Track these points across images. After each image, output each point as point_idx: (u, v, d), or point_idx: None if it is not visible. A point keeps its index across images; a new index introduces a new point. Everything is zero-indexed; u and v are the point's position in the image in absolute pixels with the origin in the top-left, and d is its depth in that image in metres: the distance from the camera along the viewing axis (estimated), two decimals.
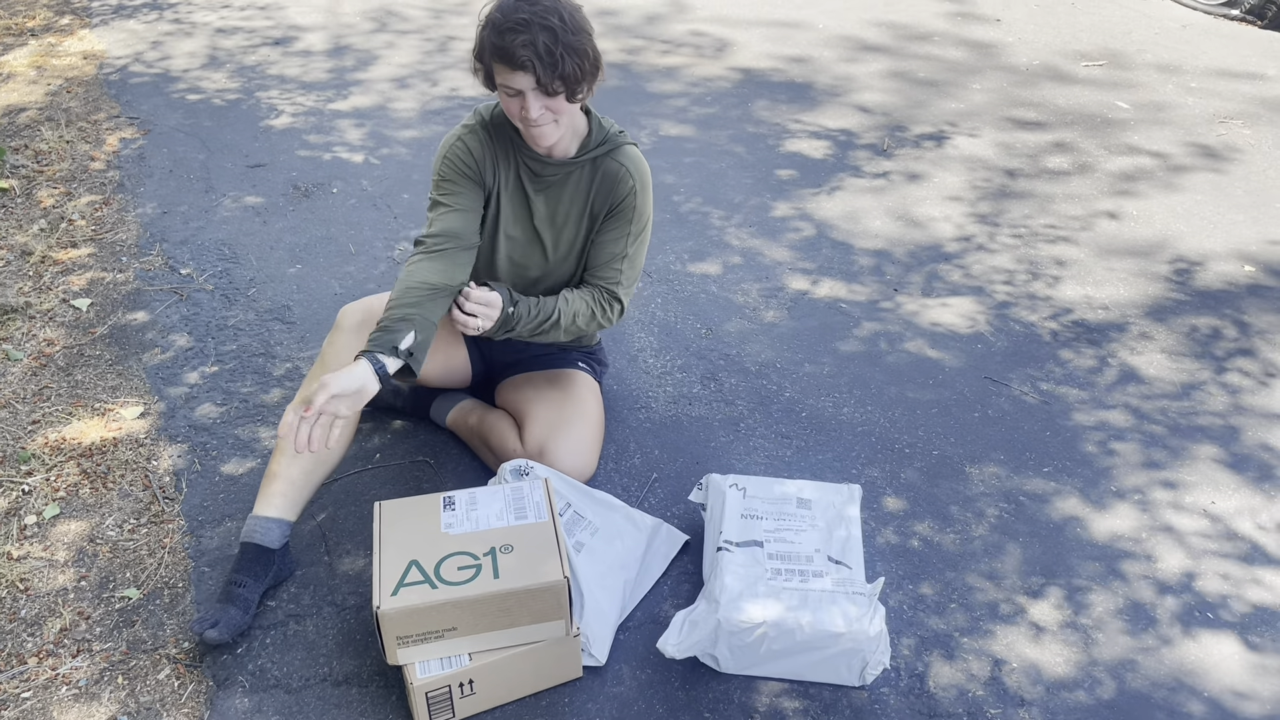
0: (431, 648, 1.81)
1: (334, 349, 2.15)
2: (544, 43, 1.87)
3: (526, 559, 1.85)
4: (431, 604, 1.77)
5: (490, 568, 1.83)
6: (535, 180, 2.17)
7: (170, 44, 4.89)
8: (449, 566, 1.83)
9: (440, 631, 1.80)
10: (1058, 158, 4.04)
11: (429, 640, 1.80)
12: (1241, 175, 3.95)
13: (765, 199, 3.67)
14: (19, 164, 3.75)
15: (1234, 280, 3.28)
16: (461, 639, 1.82)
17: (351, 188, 3.67)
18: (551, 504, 1.96)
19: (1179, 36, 5.39)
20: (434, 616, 1.78)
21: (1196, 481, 2.48)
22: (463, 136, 2.15)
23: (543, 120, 1.98)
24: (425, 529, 1.92)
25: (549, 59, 1.88)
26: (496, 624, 1.83)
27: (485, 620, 1.81)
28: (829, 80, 4.70)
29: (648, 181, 2.20)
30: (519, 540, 1.89)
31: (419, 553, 1.87)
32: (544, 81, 1.91)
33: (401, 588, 1.79)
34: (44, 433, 2.53)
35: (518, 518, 1.93)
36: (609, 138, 2.16)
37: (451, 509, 1.96)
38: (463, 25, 5.19)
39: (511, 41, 1.87)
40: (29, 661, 1.98)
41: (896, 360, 2.87)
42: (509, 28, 1.88)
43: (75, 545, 2.23)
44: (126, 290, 3.07)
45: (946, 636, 2.07)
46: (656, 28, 5.27)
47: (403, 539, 1.89)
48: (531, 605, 1.82)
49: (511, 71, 1.91)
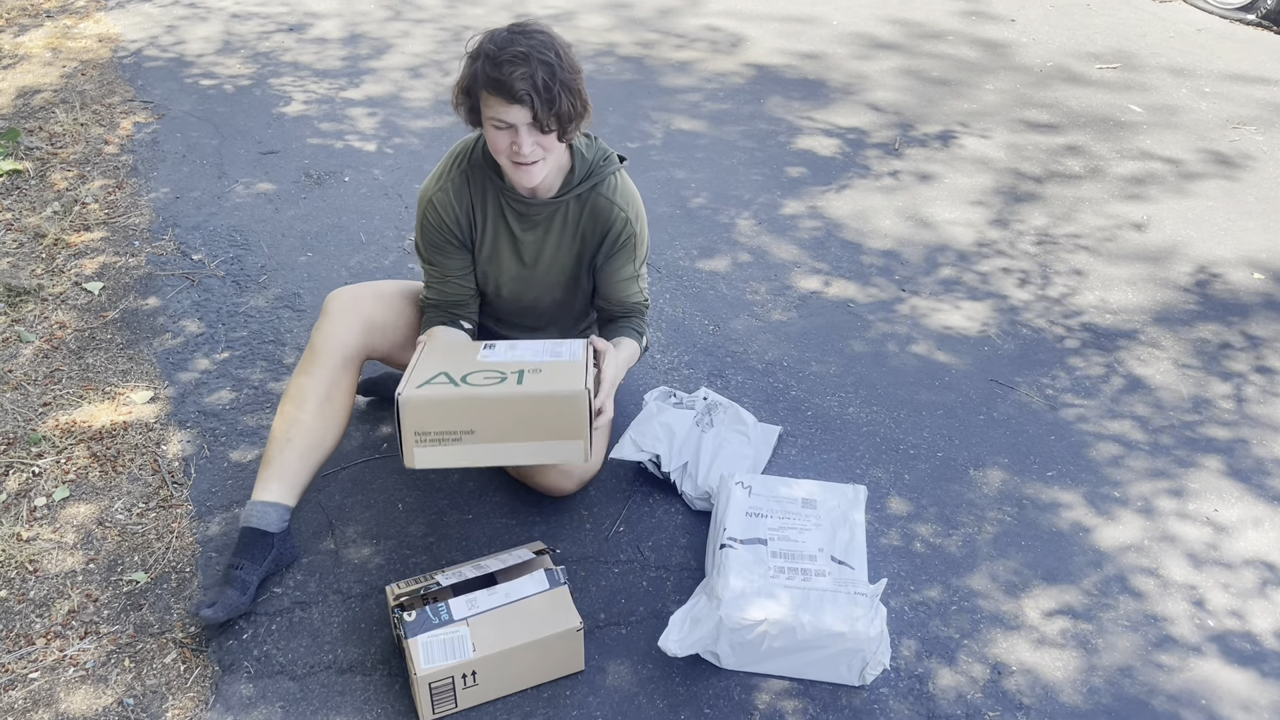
0: (448, 452, 1.81)
1: (323, 335, 2.16)
2: (542, 77, 1.85)
3: (552, 377, 1.86)
4: (451, 398, 1.79)
5: (515, 379, 1.84)
6: (521, 220, 2.16)
7: (185, 28, 4.90)
8: (476, 376, 1.86)
9: (458, 434, 1.80)
10: (1069, 160, 4.04)
11: (446, 442, 1.80)
12: (1254, 182, 3.94)
13: (775, 196, 3.68)
14: (33, 146, 3.76)
15: (1244, 288, 3.28)
16: (479, 447, 1.81)
17: (363, 176, 3.68)
18: (588, 357, 1.95)
19: (1194, 40, 5.37)
20: (453, 413, 1.79)
21: (1200, 490, 2.49)
22: (434, 197, 2.14)
23: (533, 156, 1.95)
24: (463, 354, 1.96)
25: (546, 94, 1.86)
26: (514, 434, 1.82)
27: (503, 428, 1.81)
28: (841, 77, 4.69)
29: (640, 209, 2.20)
30: (548, 367, 1.90)
31: (451, 366, 1.90)
32: (540, 117, 1.88)
33: (427, 385, 1.82)
34: (55, 415, 2.55)
35: (552, 356, 1.95)
36: (593, 169, 2.14)
37: (491, 348, 2.01)
38: (477, 15, 5.19)
39: (510, 74, 1.84)
40: (37, 642, 2.00)
41: (903, 361, 2.87)
42: (507, 60, 1.85)
43: (84, 528, 2.25)
44: (138, 275, 3.09)
45: (947, 639, 2.08)
46: (670, 21, 5.27)
47: (439, 357, 1.94)
48: (551, 417, 1.82)
49: (508, 105, 1.88)
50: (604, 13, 5.29)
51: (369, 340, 2.19)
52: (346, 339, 2.16)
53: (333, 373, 2.14)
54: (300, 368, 2.16)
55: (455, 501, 2.35)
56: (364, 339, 2.18)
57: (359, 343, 2.18)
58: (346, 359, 2.16)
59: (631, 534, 2.29)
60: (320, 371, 2.13)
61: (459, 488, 2.39)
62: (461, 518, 2.31)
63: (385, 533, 2.26)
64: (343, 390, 2.15)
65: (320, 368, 2.13)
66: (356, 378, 2.19)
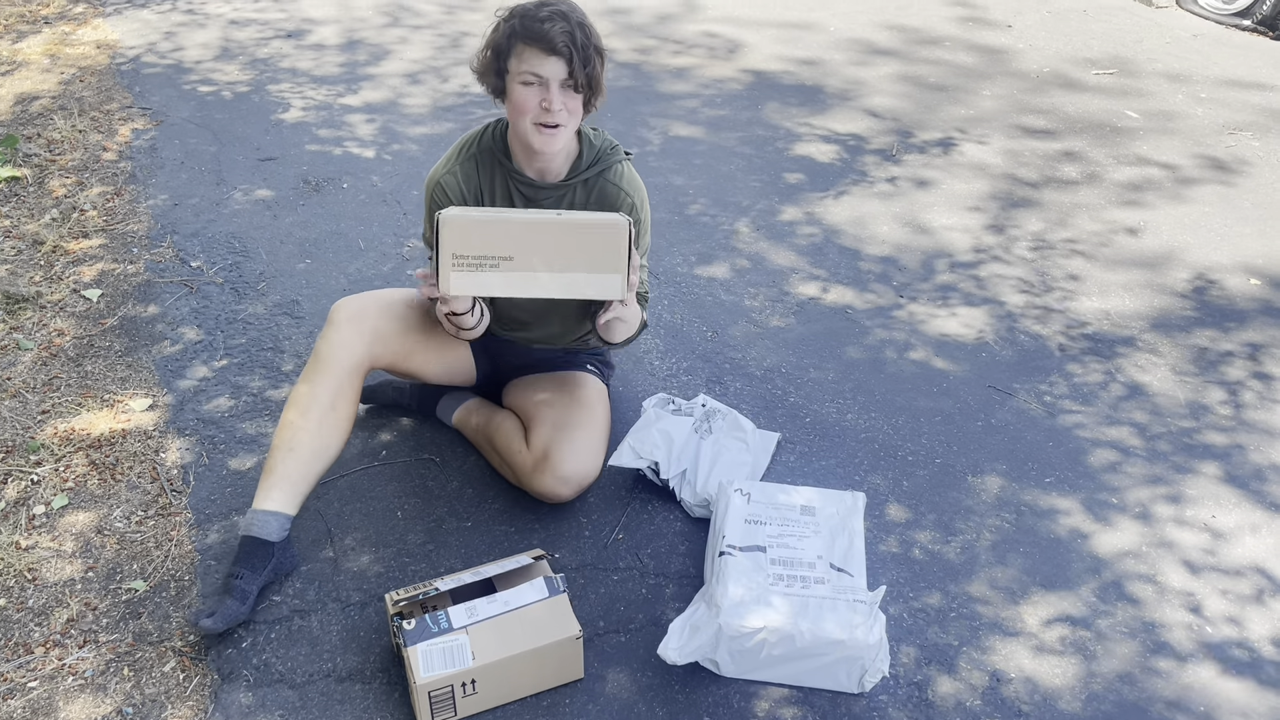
0: (484, 279, 1.82)
1: (328, 344, 2.16)
2: (580, 36, 1.92)
3: (594, 215, 1.87)
4: (493, 219, 1.81)
5: (555, 215, 1.86)
6: (529, 204, 2.18)
7: (183, 35, 4.91)
8: (517, 213, 1.88)
9: (496, 259, 1.81)
10: (1067, 166, 4.05)
11: (484, 268, 1.81)
12: (1250, 188, 3.95)
13: (773, 202, 3.68)
14: (32, 153, 3.76)
15: (1240, 294, 3.29)
16: (516, 275, 1.82)
17: (361, 183, 3.68)
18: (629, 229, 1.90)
19: (1190, 46, 5.39)
20: (493, 235, 1.81)
21: (1198, 496, 2.49)
22: (442, 179, 2.17)
23: (559, 119, 1.98)
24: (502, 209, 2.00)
25: (583, 52, 1.93)
26: (554, 263, 1.83)
27: (543, 255, 1.82)
28: (839, 84, 4.70)
29: (644, 195, 2.24)
30: (589, 214, 1.89)
31: (490, 208, 1.96)
32: (575, 73, 1.94)
33: (468, 208, 1.86)
34: (53, 423, 2.55)
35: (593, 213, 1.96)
36: (600, 156, 2.17)
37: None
38: (475, 21, 5.20)
39: (550, 28, 1.90)
40: (36, 651, 2.00)
41: (901, 367, 2.88)
42: (545, 16, 1.91)
43: (83, 536, 2.25)
44: (137, 282, 3.09)
45: (946, 646, 2.08)
46: (668, 27, 5.28)
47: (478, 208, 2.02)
48: (591, 247, 1.83)
49: (545, 56, 1.92)
50: (601, 19, 5.30)
51: (375, 350, 2.20)
52: (353, 348, 2.16)
53: (338, 382, 2.14)
54: (304, 376, 2.16)
55: (454, 509, 2.35)
56: (370, 349, 2.18)
57: (365, 352, 2.18)
58: (352, 369, 2.16)
59: (630, 541, 2.29)
60: (325, 380, 2.13)
61: (458, 495, 2.39)
62: (460, 525, 2.31)
63: (384, 540, 2.26)
64: (347, 400, 2.15)
65: (325, 376, 2.13)
66: (360, 388, 2.19)
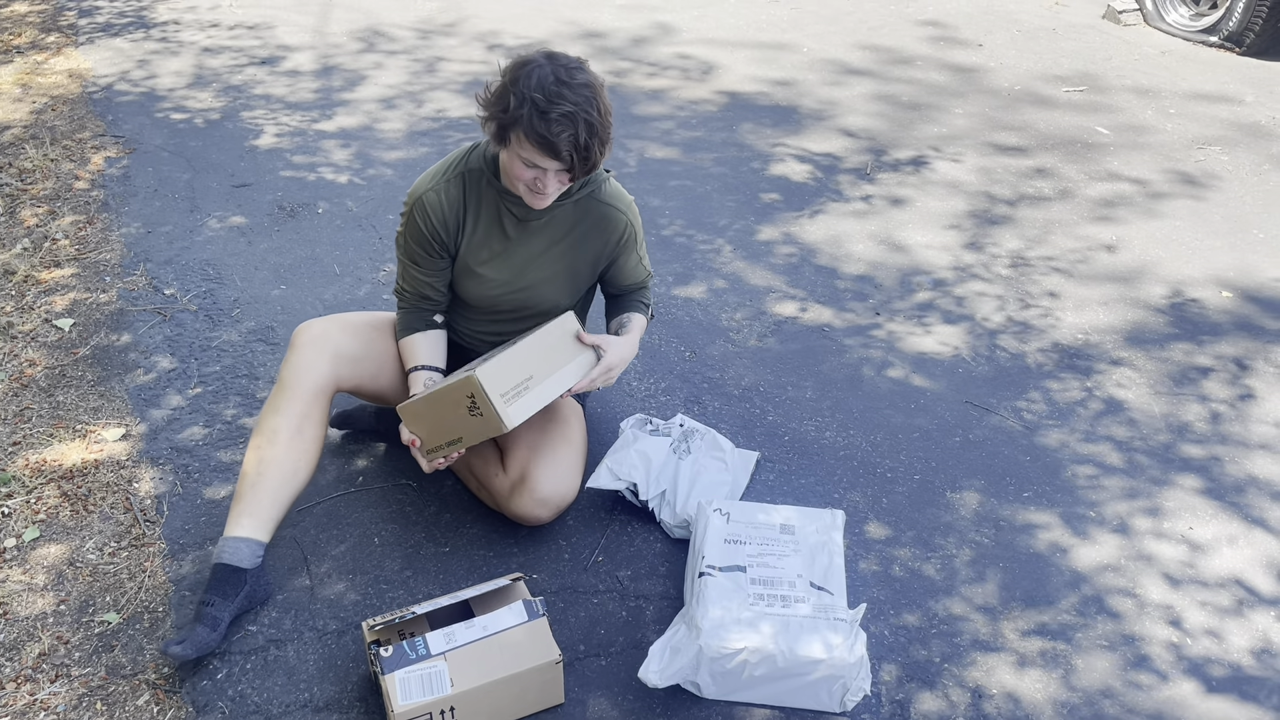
0: (525, 402, 2.00)
1: (291, 368, 2.16)
2: (584, 138, 1.90)
3: (542, 326, 2.16)
4: (506, 356, 2.00)
5: (509, 343, 2.18)
6: (519, 225, 2.18)
7: (157, 63, 4.89)
8: (494, 352, 2.16)
9: (524, 382, 2.01)
10: (1039, 183, 4.08)
11: (522, 395, 2.00)
12: (1220, 201, 4.00)
13: (750, 222, 3.69)
14: (3, 182, 3.74)
15: (1214, 307, 3.32)
16: (542, 386, 2.04)
17: (337, 208, 3.67)
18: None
19: (1158, 63, 5.46)
20: (514, 367, 2.01)
21: (1175, 508, 2.50)
22: (425, 196, 2.14)
23: (554, 195, 2.02)
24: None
25: (584, 152, 1.92)
26: (555, 363, 2.08)
27: (547, 362, 2.07)
28: (813, 104, 4.73)
29: (633, 204, 2.27)
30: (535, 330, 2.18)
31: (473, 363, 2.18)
32: (574, 170, 1.95)
33: (481, 362, 2.05)
34: (24, 454, 2.51)
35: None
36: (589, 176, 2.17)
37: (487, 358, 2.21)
38: (450, 46, 5.21)
39: (557, 134, 1.87)
40: (7, 687, 1.96)
41: (879, 385, 2.88)
42: (556, 119, 1.86)
43: (55, 569, 2.22)
44: (109, 311, 3.06)
45: (927, 663, 2.07)
46: (643, 50, 5.31)
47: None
48: (555, 347, 2.10)
49: (547, 157, 1.92)
50: (577, 42, 5.32)
51: (339, 371, 2.19)
52: (316, 370, 2.15)
53: (303, 405, 2.12)
54: (269, 402, 2.14)
55: (432, 534, 2.33)
56: (333, 370, 2.17)
57: (329, 374, 2.17)
58: (316, 391, 2.14)
59: (610, 563, 2.28)
60: (290, 405, 2.12)
61: (435, 520, 2.37)
62: (439, 550, 2.29)
63: (361, 568, 2.24)
64: (314, 423, 2.14)
65: (290, 401, 2.12)
66: (328, 410, 2.18)
